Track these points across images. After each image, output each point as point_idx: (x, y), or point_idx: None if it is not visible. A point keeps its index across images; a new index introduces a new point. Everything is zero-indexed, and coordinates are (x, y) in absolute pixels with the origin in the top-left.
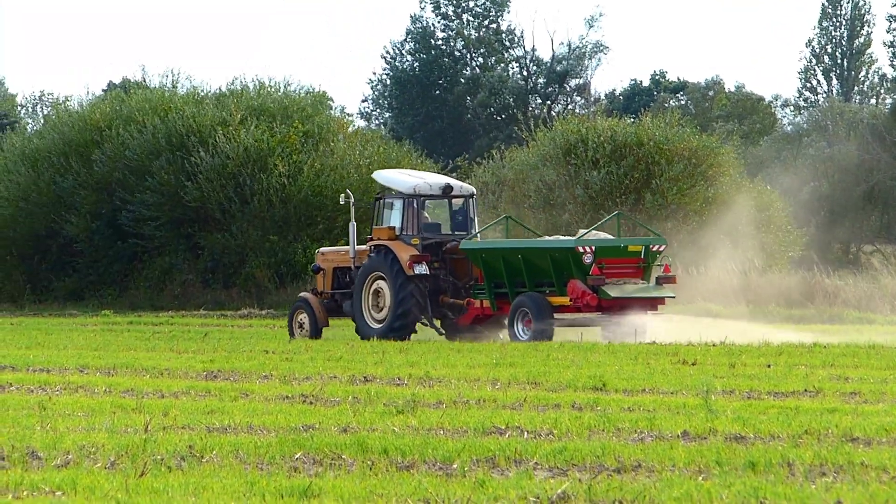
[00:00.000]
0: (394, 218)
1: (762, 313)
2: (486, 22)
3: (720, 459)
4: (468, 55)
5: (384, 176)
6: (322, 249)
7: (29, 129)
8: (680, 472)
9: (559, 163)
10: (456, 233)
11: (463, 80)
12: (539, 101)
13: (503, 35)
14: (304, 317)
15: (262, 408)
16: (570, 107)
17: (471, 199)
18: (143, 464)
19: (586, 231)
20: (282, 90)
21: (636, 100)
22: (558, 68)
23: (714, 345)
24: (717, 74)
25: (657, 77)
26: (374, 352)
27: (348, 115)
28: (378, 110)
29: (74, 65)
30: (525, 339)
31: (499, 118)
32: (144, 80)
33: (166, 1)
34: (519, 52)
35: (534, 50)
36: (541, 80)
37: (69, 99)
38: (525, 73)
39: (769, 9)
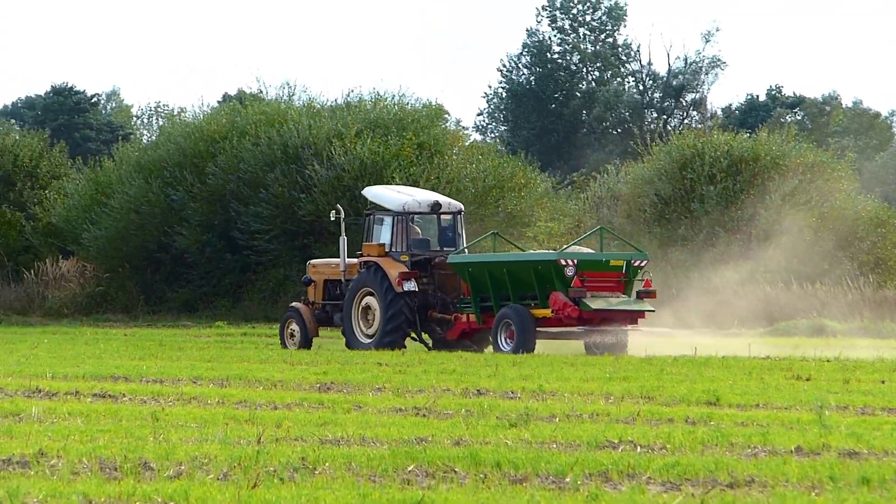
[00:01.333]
0: (384, 234)
1: (876, 329)
2: (602, 36)
3: (833, 475)
4: (584, 69)
5: (374, 193)
6: (313, 262)
7: (144, 141)
8: (793, 487)
9: (675, 177)
10: (444, 248)
11: (579, 94)
12: (654, 115)
13: (619, 49)
14: (294, 327)
15: (374, 420)
16: (685, 121)
17: (458, 216)
18: (256, 475)
19: (569, 245)
20: (397, 103)
21: (752, 115)
22: (674, 83)
23: (828, 360)
24: (835, 90)
25: (773, 92)
26: (488, 365)
27: (464, 128)
28: (493, 123)
29: (190, 76)
30: (507, 350)
31: (614, 132)
32: (260, 92)
33: (283, 13)
34: (635, 66)
35: (650, 64)
36: (657, 95)
37: (184, 110)
38: (641, 87)
39: (886, 23)
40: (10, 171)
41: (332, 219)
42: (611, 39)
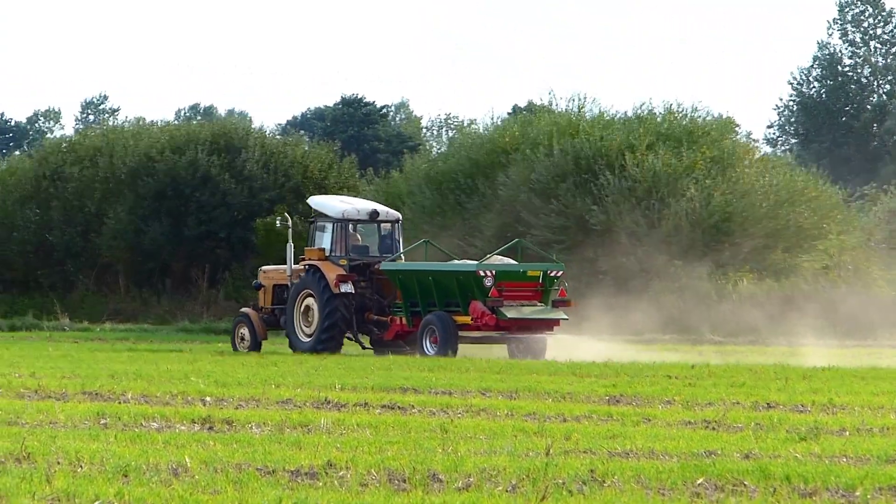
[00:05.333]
0: (324, 240)
1: None
2: (893, 49)
3: None
4: (875, 82)
5: (317, 201)
6: (263, 268)
7: (433, 152)
8: None
9: None
10: (383, 255)
11: (870, 107)
12: None
13: None
14: (245, 330)
15: (663, 433)
16: None
17: (397, 224)
18: (545, 488)
19: (489, 256)
20: (688, 116)
21: None
22: None
23: None
24: None
25: None
26: (777, 378)
27: (754, 140)
28: (784, 136)
29: (479, 88)
30: (431, 354)
31: None
32: (551, 104)
33: (574, 27)
34: None
35: None
36: None
37: (474, 122)
38: None
39: None
40: (299, 182)
41: (279, 226)
42: None
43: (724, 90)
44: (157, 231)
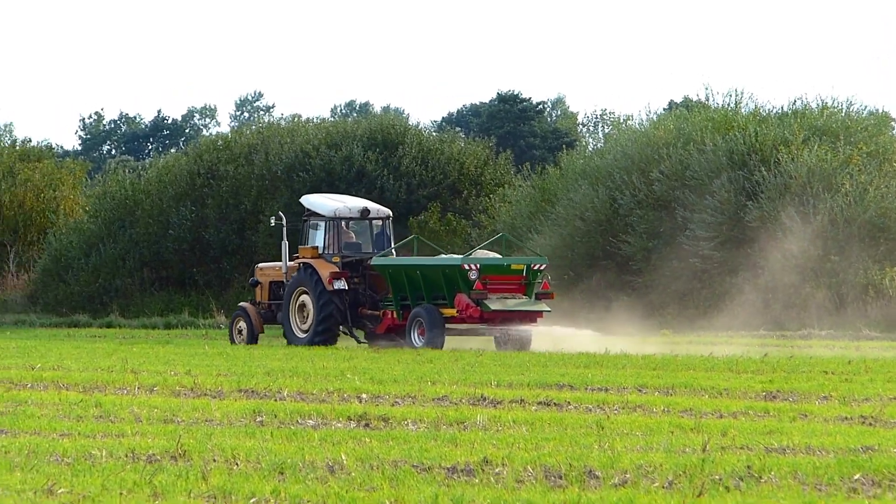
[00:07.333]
0: (317, 238)
1: None
2: None
3: None
4: None
5: (309, 200)
6: (260, 265)
7: (589, 148)
8: None
9: None
10: (376, 251)
11: None
12: None
13: None
14: (242, 324)
15: (820, 428)
16: None
17: (387, 221)
18: (701, 484)
19: (474, 250)
20: (844, 110)
21: None
22: None
23: None
24: None
25: None
26: None
27: None
28: None
29: (635, 84)
30: (419, 345)
31: None
32: (707, 99)
33: (731, 21)
34: None
35: None
36: None
37: (630, 118)
38: None
39: None
40: (455, 179)
41: (273, 224)
42: None
43: (878, 85)
44: None
